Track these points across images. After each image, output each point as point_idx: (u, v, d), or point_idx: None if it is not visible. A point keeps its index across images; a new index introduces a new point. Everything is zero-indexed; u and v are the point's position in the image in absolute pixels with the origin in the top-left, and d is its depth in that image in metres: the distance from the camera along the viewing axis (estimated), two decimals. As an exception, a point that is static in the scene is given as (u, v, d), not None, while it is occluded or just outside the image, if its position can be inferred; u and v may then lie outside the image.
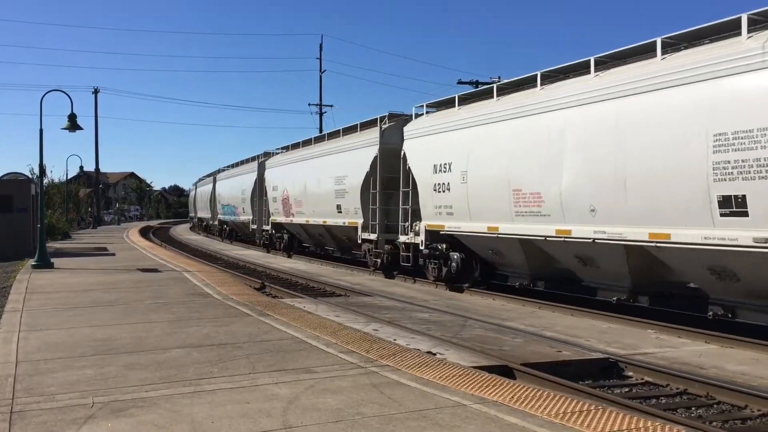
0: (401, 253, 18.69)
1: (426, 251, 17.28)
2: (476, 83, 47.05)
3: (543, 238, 12.99)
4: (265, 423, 5.45)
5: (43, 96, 21.27)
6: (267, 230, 31.94)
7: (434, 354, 8.89)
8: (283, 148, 32.14)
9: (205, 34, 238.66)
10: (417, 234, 17.60)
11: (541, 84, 13.45)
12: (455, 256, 16.40)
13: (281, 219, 28.73)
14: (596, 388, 8.09)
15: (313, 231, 26.31)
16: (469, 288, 16.49)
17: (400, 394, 6.27)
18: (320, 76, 54.71)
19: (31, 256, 20.98)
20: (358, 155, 21.02)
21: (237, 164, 41.45)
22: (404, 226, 18.54)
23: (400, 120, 19.64)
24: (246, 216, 35.02)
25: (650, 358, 9.26)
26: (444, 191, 16.11)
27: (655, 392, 8.11)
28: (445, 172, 16.03)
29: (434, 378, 6.88)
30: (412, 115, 18.90)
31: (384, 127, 19.97)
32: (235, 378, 6.88)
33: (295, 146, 29.47)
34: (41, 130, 20.32)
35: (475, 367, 7.83)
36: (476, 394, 6.30)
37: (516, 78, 14.80)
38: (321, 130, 54.53)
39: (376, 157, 19.81)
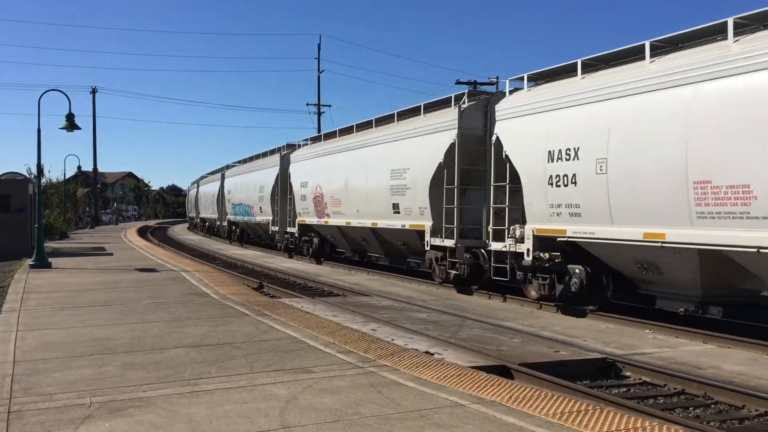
0: (488, 264, 15.00)
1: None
2: (474, 83, 47.16)
3: (755, 249, 9.28)
4: (263, 423, 5.45)
5: (41, 95, 21.23)
6: (292, 232, 27.76)
7: (432, 354, 8.90)
8: (311, 139, 28.32)
9: (204, 34, 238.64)
10: (519, 240, 13.66)
11: (735, 35, 9.92)
12: (578, 271, 12.61)
13: (312, 220, 23.62)
14: (594, 388, 8.10)
15: (354, 235, 22.25)
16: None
17: (398, 394, 6.27)
18: (318, 76, 54.71)
19: (28, 256, 20.96)
20: (425, 143, 17.10)
21: (252, 158, 36.67)
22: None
23: (483, 98, 15.95)
24: (264, 216, 30.46)
25: (648, 358, 9.27)
26: (565, 185, 12.33)
27: (652, 392, 8.12)
28: (568, 159, 12.25)
29: (432, 378, 6.88)
30: (504, 92, 15.22)
31: (463, 107, 15.79)
32: (233, 378, 6.88)
33: (330, 135, 25.33)
34: (39, 130, 20.31)
35: (473, 367, 7.83)
36: (474, 394, 6.30)
37: (684, 31, 11.02)
38: (319, 130, 54.40)
39: (453, 144, 15.75)
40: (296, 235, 27.14)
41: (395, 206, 18.50)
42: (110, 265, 20.65)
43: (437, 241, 16.46)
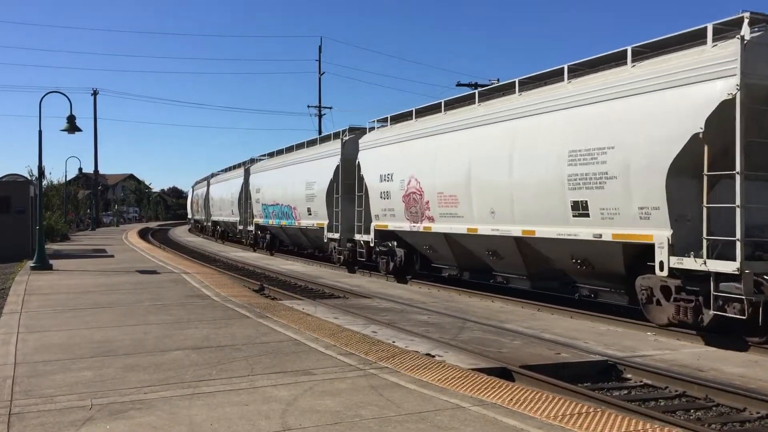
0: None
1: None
2: (476, 85, 47.15)
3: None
4: (263, 425, 5.44)
5: (42, 97, 21.25)
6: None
7: (433, 356, 8.89)
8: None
9: (205, 36, 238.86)
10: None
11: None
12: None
13: (399, 225, 19.39)
14: (595, 390, 8.10)
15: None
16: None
17: (398, 396, 6.27)
18: (319, 78, 54.73)
19: (29, 258, 20.97)
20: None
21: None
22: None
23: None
24: (314, 220, 26.47)
25: (649, 360, 9.27)
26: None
27: (653, 394, 8.11)
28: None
29: (433, 380, 6.88)
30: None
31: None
32: (234, 380, 6.88)
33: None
34: (40, 132, 20.31)
35: (473, 369, 7.83)
36: (475, 396, 6.30)
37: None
38: (320, 132, 54.44)
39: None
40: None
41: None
42: (111, 266, 20.65)
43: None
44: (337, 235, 22.88)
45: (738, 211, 9.45)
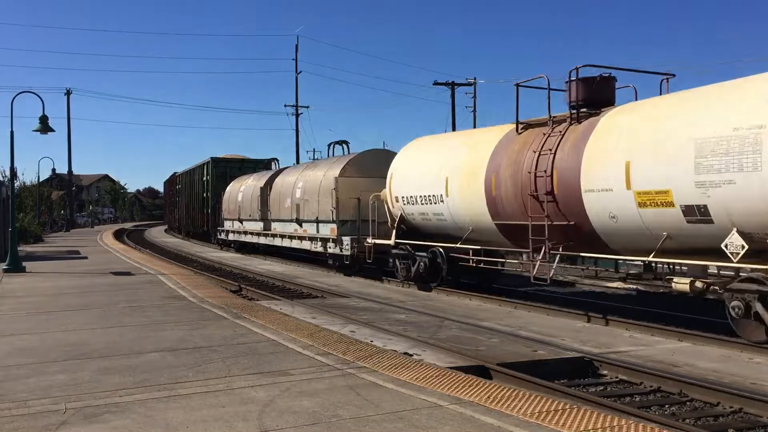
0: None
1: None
2: (452, 84, 47.33)
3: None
4: (240, 427, 5.41)
5: (14, 98, 20.95)
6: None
7: (411, 355, 8.90)
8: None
9: (181, 35, 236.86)
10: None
11: None
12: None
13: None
14: (571, 387, 8.15)
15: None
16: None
17: (376, 396, 6.27)
18: (296, 77, 54.64)
19: (2, 260, 20.67)
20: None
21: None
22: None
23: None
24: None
25: (624, 356, 9.35)
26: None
27: (629, 390, 8.19)
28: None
29: (411, 379, 6.89)
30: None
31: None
32: (211, 382, 6.83)
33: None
34: (12, 132, 20.07)
35: (451, 368, 7.85)
36: (453, 394, 6.32)
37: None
38: (297, 131, 54.36)
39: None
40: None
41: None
42: (86, 268, 20.42)
43: None
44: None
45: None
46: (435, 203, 16.25)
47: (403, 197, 17.52)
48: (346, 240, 20.60)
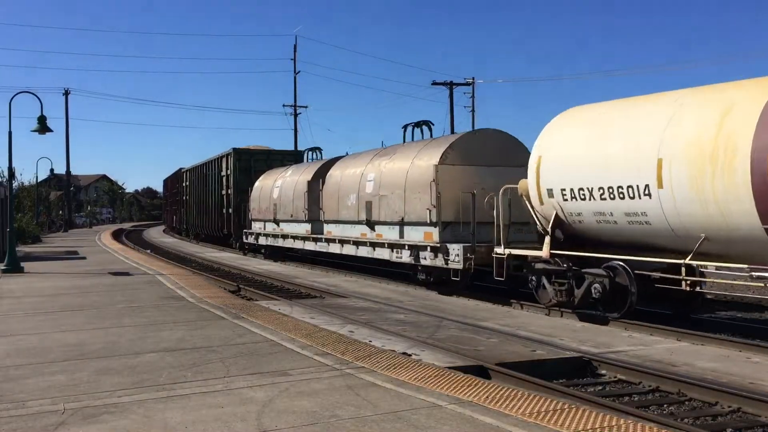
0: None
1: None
2: (451, 84, 47.36)
3: None
4: (239, 427, 5.41)
5: (12, 98, 20.94)
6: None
7: (410, 355, 8.90)
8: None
9: (180, 35, 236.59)
10: None
11: None
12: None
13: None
14: (570, 386, 8.16)
15: None
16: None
17: (375, 396, 6.27)
18: (294, 77, 54.64)
19: (0, 261, 20.65)
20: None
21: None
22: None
23: None
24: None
25: (623, 356, 9.36)
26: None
27: (627, 390, 8.20)
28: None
29: (409, 379, 6.89)
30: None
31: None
32: (209, 382, 6.83)
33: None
34: (10, 133, 20.06)
35: (450, 368, 7.85)
36: (451, 394, 6.32)
37: None
38: (296, 131, 54.30)
39: None
40: None
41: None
42: (84, 269, 20.40)
43: None
44: None
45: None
46: (632, 197, 11.10)
47: (562, 190, 12.42)
48: (456, 249, 15.29)
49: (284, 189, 26.37)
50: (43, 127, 20.55)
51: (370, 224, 19.21)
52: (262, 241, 28.86)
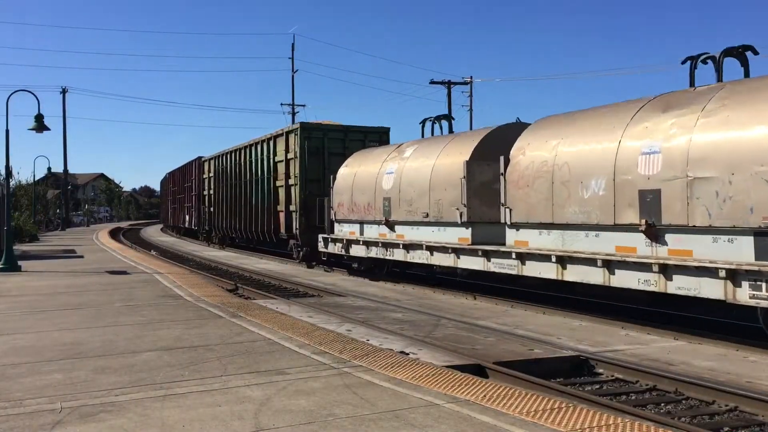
0: None
1: None
2: (449, 83, 47.33)
3: None
4: (236, 425, 5.41)
5: (9, 96, 20.91)
6: None
7: (407, 354, 8.91)
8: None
9: (178, 34, 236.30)
10: None
11: None
12: None
13: None
14: (567, 385, 8.17)
15: None
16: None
17: (372, 395, 6.27)
18: (292, 76, 54.54)
19: (-3, 259, 20.61)
20: None
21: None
22: None
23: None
24: None
25: (620, 355, 9.37)
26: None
27: (625, 389, 8.20)
28: None
29: (407, 378, 6.89)
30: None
31: None
32: (207, 381, 6.82)
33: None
34: (7, 131, 20.03)
35: (447, 367, 7.85)
36: (449, 393, 6.32)
37: None
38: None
39: None
40: None
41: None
42: (81, 267, 20.38)
43: None
44: None
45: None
46: None
47: None
48: None
49: (407, 177, 17.57)
50: (40, 125, 20.52)
51: (656, 233, 10.48)
52: (356, 251, 20.08)
